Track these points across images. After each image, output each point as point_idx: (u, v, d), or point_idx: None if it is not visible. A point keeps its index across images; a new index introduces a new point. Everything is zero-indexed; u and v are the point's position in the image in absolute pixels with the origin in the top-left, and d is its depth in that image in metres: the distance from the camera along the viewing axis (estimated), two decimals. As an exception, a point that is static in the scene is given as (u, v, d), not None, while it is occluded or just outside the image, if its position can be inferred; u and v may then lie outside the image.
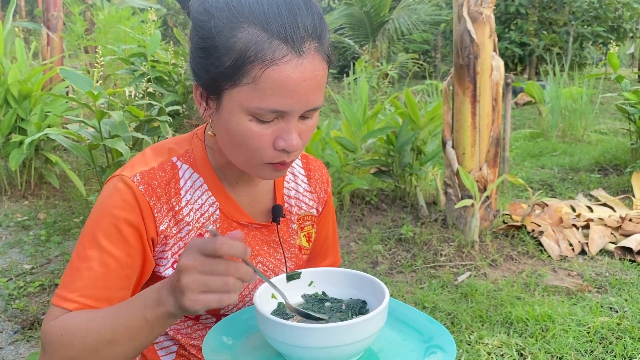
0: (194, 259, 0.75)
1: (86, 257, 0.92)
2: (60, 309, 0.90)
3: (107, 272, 0.91)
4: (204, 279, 0.75)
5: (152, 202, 0.96)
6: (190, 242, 0.77)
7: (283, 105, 0.85)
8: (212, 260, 0.75)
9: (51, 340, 0.87)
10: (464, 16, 3.35)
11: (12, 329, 2.53)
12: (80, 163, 5.16)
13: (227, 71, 0.85)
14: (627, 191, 4.21)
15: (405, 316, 1.00)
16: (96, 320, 0.86)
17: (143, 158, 1.01)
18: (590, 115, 6.36)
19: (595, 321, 2.39)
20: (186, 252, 0.76)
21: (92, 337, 0.84)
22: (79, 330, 0.85)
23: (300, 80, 0.84)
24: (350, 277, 1.00)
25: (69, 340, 0.85)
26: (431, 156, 3.97)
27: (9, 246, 3.52)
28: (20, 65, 4.62)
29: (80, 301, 0.90)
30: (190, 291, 0.75)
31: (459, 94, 3.41)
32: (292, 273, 0.99)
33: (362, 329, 0.82)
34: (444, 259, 3.15)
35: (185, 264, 0.75)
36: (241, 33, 0.83)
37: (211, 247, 0.74)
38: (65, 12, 8.23)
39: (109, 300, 0.91)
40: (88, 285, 0.90)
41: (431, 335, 0.93)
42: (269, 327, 0.84)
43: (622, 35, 12.21)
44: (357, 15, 11.74)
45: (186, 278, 0.75)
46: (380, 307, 0.85)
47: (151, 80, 4.26)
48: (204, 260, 0.75)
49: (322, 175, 1.20)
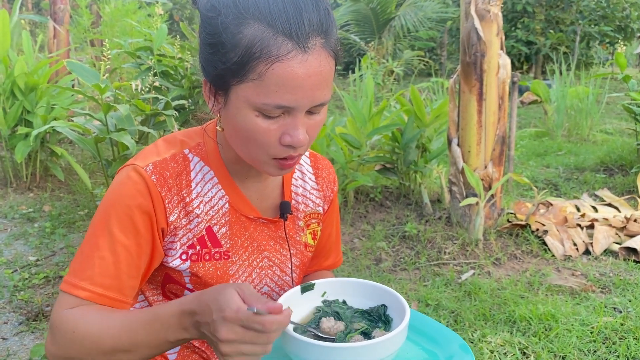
0: (235, 333, 0.76)
1: (97, 245, 0.92)
2: (71, 296, 0.91)
3: (118, 261, 0.92)
4: (245, 349, 0.77)
5: (163, 192, 0.96)
6: (224, 310, 0.77)
7: (288, 101, 0.85)
8: (254, 333, 0.76)
9: (63, 334, 0.88)
10: (471, 14, 3.34)
11: (17, 320, 2.55)
12: (85, 156, 5.18)
13: (233, 67, 0.85)
14: (632, 192, 4.19)
15: (429, 329, 0.99)
16: (111, 328, 0.87)
17: (155, 149, 1.01)
18: (596, 115, 6.34)
19: (598, 321, 2.38)
20: (226, 325, 0.76)
21: (107, 344, 0.86)
22: (92, 334, 0.87)
23: (305, 76, 0.84)
24: (364, 287, 1.00)
25: (80, 340, 0.87)
26: (436, 154, 3.97)
27: (14, 238, 3.54)
28: (27, 58, 4.63)
29: (91, 289, 0.91)
30: (230, 357, 0.78)
31: (465, 92, 3.41)
32: (306, 284, 1.00)
33: (387, 346, 0.83)
34: (447, 256, 3.15)
35: (227, 338, 0.76)
36: (247, 29, 0.83)
37: (259, 327, 0.75)
38: (72, 5, 8.23)
39: (119, 288, 0.92)
40: (98, 274, 0.91)
41: (451, 352, 0.93)
42: (294, 345, 0.85)
43: (629, 34, 12.16)
44: (363, 12, 11.72)
45: (227, 348, 0.77)
46: (403, 323, 0.86)
47: (157, 74, 4.26)
48: (246, 333, 0.76)
49: (330, 174, 1.21)
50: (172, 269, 1.02)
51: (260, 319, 0.74)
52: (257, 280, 1.09)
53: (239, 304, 0.76)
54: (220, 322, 0.76)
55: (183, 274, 1.02)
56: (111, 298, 0.92)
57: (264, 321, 0.74)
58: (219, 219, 1.03)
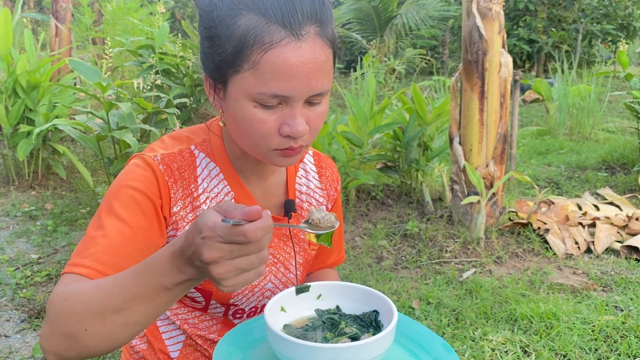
0: (219, 250, 0.69)
1: (102, 225, 0.90)
2: (70, 275, 0.86)
3: (123, 240, 0.89)
4: (239, 263, 0.70)
5: (170, 182, 0.97)
6: (202, 230, 0.70)
7: (284, 90, 0.85)
8: (239, 246, 0.69)
9: (55, 307, 0.80)
10: (473, 12, 3.34)
11: (19, 318, 2.55)
12: (87, 154, 5.19)
13: (229, 58, 0.86)
14: (634, 190, 4.19)
15: (416, 334, 1.00)
16: (102, 288, 0.79)
17: (162, 144, 1.02)
18: (598, 114, 6.33)
19: (600, 319, 2.38)
20: (206, 244, 0.69)
21: (97, 304, 0.78)
22: (83, 295, 0.79)
23: (299, 63, 0.84)
24: (358, 292, 1.01)
25: (70, 306, 0.79)
26: (438, 152, 3.97)
27: (16, 236, 3.55)
28: (29, 56, 4.63)
29: (90, 265, 0.86)
30: (226, 280, 0.71)
31: (467, 90, 3.40)
32: (301, 286, 1.00)
33: (371, 349, 0.84)
34: (449, 255, 3.15)
35: (211, 257, 0.69)
36: (241, 20, 0.84)
37: (241, 239, 0.68)
38: (74, 3, 8.24)
39: (120, 267, 0.87)
40: (101, 251, 0.87)
41: (439, 355, 0.94)
42: (280, 344, 0.85)
43: (631, 33, 12.12)
44: (365, 10, 11.70)
45: (218, 269, 0.70)
46: (389, 327, 0.86)
47: (159, 72, 4.26)
48: (232, 248, 0.69)
49: (333, 173, 1.21)
50: None
51: (240, 230, 0.67)
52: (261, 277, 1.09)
53: (214, 219, 0.69)
54: (201, 244, 0.69)
55: None
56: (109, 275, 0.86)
57: (245, 230, 0.67)
58: None
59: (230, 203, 0.73)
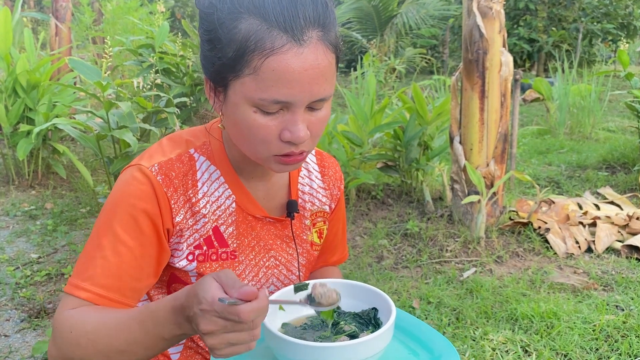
0: (215, 324, 0.74)
1: (100, 245, 0.91)
2: (73, 297, 0.90)
3: (120, 262, 0.91)
4: (231, 338, 0.75)
5: (169, 193, 0.96)
6: (201, 302, 0.74)
7: (285, 96, 0.83)
8: (234, 323, 0.74)
9: (61, 334, 0.87)
10: (473, 11, 3.33)
11: (19, 318, 2.55)
12: (87, 154, 5.18)
13: (229, 62, 0.85)
14: (634, 189, 4.19)
15: (416, 330, 1.00)
16: (107, 327, 0.85)
17: (160, 148, 1.01)
18: (599, 113, 6.32)
19: (600, 319, 2.38)
20: (204, 317, 0.74)
21: (102, 344, 0.85)
22: (88, 333, 0.85)
23: (301, 69, 0.82)
24: (357, 289, 1.00)
25: (77, 340, 0.86)
26: (438, 151, 3.96)
27: (16, 235, 3.55)
28: (29, 55, 4.63)
29: (91, 290, 0.90)
30: (217, 350, 0.76)
31: (467, 90, 3.40)
32: (299, 284, 0.99)
33: (369, 347, 0.83)
34: (449, 254, 3.15)
35: (207, 330, 0.74)
36: (242, 24, 0.83)
37: (235, 318, 0.73)
38: (74, 2, 8.23)
39: (120, 289, 0.91)
40: (100, 274, 0.90)
41: (440, 352, 0.94)
42: (278, 344, 0.85)
43: (632, 32, 12.12)
44: (365, 9, 11.69)
45: (212, 340, 0.75)
46: (387, 324, 0.86)
47: (159, 71, 4.26)
48: (227, 324, 0.74)
49: (336, 173, 1.20)
50: (179, 269, 1.02)
51: (235, 310, 0.72)
52: (263, 279, 1.08)
53: (214, 294, 0.73)
54: (199, 315, 0.74)
55: (189, 274, 1.02)
56: (111, 299, 0.91)
57: (239, 311, 0.71)
58: (226, 219, 1.02)
59: (230, 276, 0.76)
